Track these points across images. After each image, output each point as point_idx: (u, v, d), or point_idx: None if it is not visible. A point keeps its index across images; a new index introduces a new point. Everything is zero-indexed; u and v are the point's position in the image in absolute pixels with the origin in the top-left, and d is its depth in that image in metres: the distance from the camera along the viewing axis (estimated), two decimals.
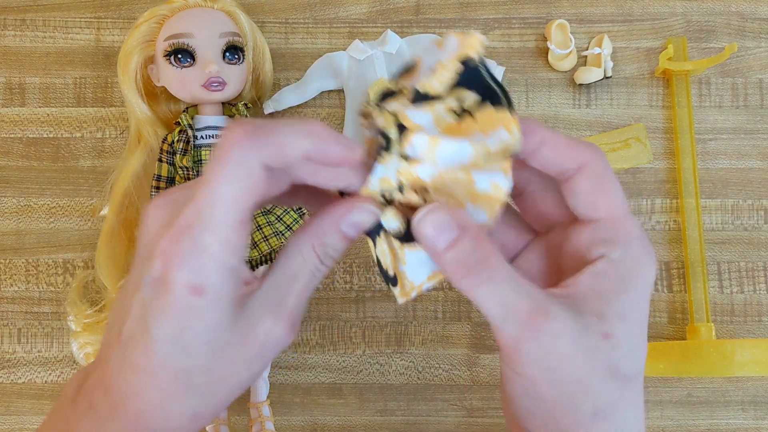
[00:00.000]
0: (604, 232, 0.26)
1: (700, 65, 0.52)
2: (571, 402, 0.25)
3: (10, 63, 0.55)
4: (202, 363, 0.25)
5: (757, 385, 0.52)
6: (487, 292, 0.24)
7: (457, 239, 0.25)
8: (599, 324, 0.24)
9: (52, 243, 0.53)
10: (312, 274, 0.27)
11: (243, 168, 0.24)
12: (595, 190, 0.26)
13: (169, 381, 0.25)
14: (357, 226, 0.27)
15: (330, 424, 0.52)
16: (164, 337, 0.25)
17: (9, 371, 0.52)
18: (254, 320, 0.26)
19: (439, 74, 0.26)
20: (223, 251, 0.24)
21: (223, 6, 0.49)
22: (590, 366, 0.24)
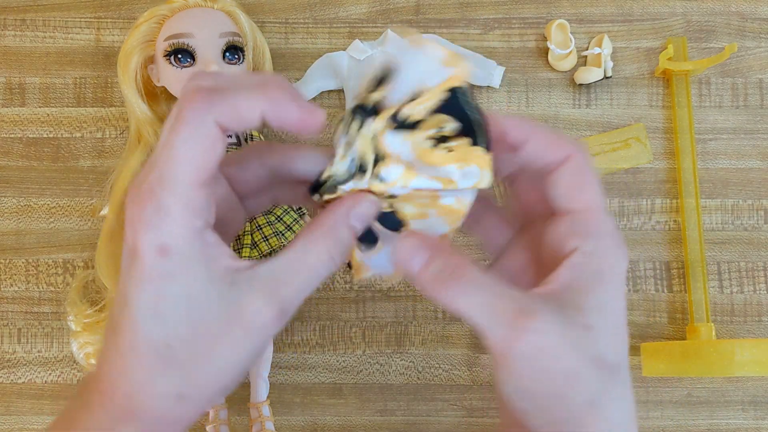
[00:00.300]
0: (579, 224, 0.26)
1: (700, 65, 0.52)
2: (565, 395, 0.25)
3: (10, 63, 0.55)
4: (182, 334, 0.25)
5: (757, 385, 0.52)
6: (467, 301, 0.25)
7: (430, 258, 0.26)
8: (580, 317, 0.25)
9: (52, 243, 0.53)
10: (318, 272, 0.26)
11: (199, 128, 0.24)
12: (575, 183, 0.27)
13: (150, 357, 0.25)
14: (363, 217, 0.27)
15: (330, 424, 0.52)
16: (143, 308, 0.25)
17: (9, 371, 0.52)
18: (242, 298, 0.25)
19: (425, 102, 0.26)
20: (185, 212, 0.24)
21: (223, 6, 0.49)
22: (577, 358, 0.25)
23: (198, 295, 0.25)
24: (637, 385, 0.52)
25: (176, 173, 0.24)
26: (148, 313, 0.25)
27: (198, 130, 0.24)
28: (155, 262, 0.24)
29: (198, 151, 0.24)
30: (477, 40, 0.55)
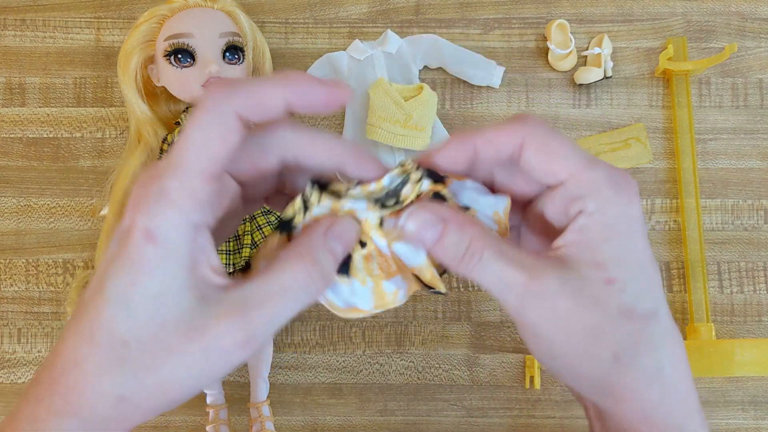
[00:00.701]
0: (571, 191, 0.26)
1: (700, 65, 0.52)
2: (588, 351, 0.25)
3: (10, 63, 0.55)
4: (142, 335, 0.24)
5: (757, 385, 0.52)
6: (482, 273, 0.25)
7: (442, 233, 0.25)
8: (599, 272, 0.25)
9: (52, 243, 0.53)
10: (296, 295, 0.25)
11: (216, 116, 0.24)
12: (546, 159, 0.26)
13: (104, 350, 0.24)
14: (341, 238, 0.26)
15: (330, 424, 0.52)
16: (114, 293, 0.24)
17: (9, 371, 0.52)
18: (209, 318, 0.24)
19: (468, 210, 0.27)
20: (184, 199, 0.23)
21: (223, 6, 0.49)
22: (599, 314, 0.25)
23: (168, 298, 0.24)
24: None
25: (186, 159, 0.24)
26: (119, 302, 0.24)
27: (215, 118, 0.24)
28: (140, 248, 0.24)
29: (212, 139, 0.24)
30: (477, 40, 0.55)
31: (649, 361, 0.25)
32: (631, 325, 0.25)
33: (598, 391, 0.26)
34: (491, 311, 0.53)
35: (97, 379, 0.25)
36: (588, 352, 0.25)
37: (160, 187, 0.24)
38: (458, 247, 0.25)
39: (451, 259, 0.25)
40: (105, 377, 0.24)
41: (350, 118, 0.53)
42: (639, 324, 0.25)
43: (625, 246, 0.25)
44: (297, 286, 0.25)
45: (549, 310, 0.25)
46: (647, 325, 0.25)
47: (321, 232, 0.26)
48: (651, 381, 0.25)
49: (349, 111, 0.53)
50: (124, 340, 0.24)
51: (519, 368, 0.52)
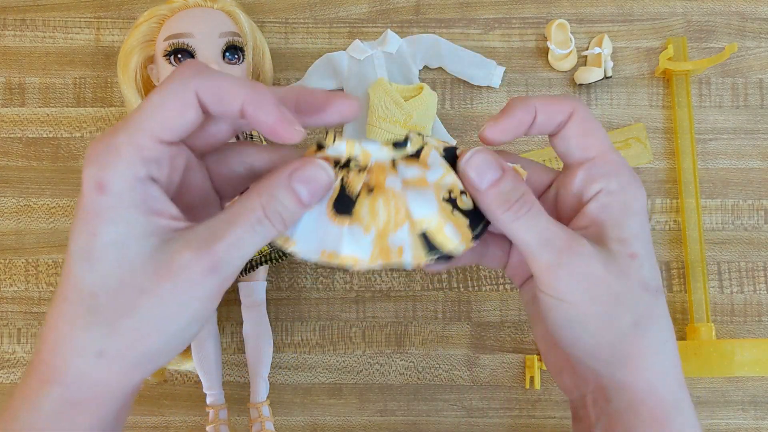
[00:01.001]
0: (598, 168, 0.28)
1: (700, 65, 0.52)
2: (612, 317, 0.27)
3: (10, 63, 0.55)
4: (109, 284, 0.24)
5: (757, 385, 0.52)
6: (526, 224, 0.26)
7: (501, 178, 0.27)
8: (623, 247, 0.27)
9: (52, 243, 0.53)
10: (252, 226, 0.25)
11: (177, 91, 0.25)
12: (584, 133, 0.28)
13: (77, 306, 0.25)
14: (309, 182, 0.26)
15: (330, 424, 0.52)
16: (76, 248, 0.25)
17: (9, 371, 0.52)
18: (173, 251, 0.25)
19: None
20: (132, 155, 0.24)
21: (223, 6, 0.49)
22: (623, 284, 0.27)
23: (129, 244, 0.24)
24: None
25: (138, 120, 0.25)
26: (81, 256, 0.25)
27: (175, 92, 0.25)
28: (92, 199, 0.24)
29: (168, 109, 0.25)
30: (477, 40, 0.55)
31: (659, 330, 0.28)
32: (648, 297, 0.27)
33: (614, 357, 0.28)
34: (491, 311, 0.53)
35: (73, 337, 0.25)
36: (611, 317, 0.27)
37: (110, 143, 0.24)
38: (512, 194, 0.27)
39: (503, 202, 0.27)
40: (80, 333, 0.25)
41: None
42: (653, 297, 0.27)
43: (641, 227, 0.28)
44: (253, 218, 0.25)
45: (582, 273, 0.26)
46: (658, 299, 0.28)
47: (286, 173, 0.26)
48: (659, 349, 0.28)
49: None
50: (92, 291, 0.24)
51: (519, 368, 0.52)
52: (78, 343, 0.25)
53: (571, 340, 0.28)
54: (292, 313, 0.53)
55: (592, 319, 0.27)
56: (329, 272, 0.53)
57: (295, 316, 0.53)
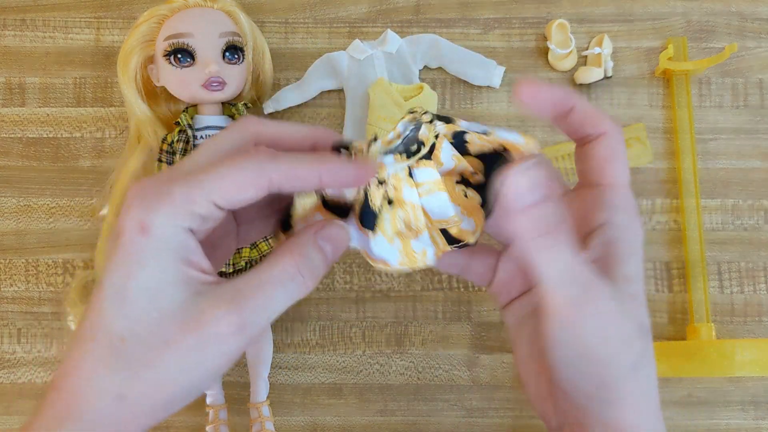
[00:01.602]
0: (608, 197, 0.28)
1: (700, 65, 0.52)
2: (616, 358, 0.27)
3: (10, 63, 0.55)
4: (139, 330, 0.24)
5: (757, 385, 0.51)
6: (554, 255, 0.25)
7: (543, 200, 0.25)
8: (628, 286, 0.27)
9: (52, 243, 0.53)
10: (284, 284, 0.26)
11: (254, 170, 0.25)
12: (608, 157, 0.28)
13: (103, 347, 0.25)
14: (331, 240, 0.27)
15: (330, 424, 0.52)
16: (111, 289, 0.25)
17: (9, 371, 0.52)
18: (203, 308, 0.25)
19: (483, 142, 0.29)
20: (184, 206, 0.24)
21: (222, 6, 0.49)
22: (628, 324, 0.26)
23: (162, 292, 0.25)
24: None
25: (200, 179, 0.25)
26: (115, 297, 0.25)
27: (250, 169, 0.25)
28: (134, 240, 0.24)
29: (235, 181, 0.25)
30: (477, 40, 0.55)
31: (650, 371, 0.27)
32: (644, 339, 0.27)
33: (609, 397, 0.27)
34: (491, 311, 0.53)
35: (96, 378, 0.25)
36: (617, 358, 0.26)
37: (164, 190, 0.24)
38: (551, 218, 0.25)
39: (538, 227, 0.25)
40: (103, 375, 0.25)
41: (350, 118, 0.53)
42: (647, 338, 0.27)
43: (640, 266, 0.27)
44: (286, 276, 0.26)
45: (602, 312, 0.26)
46: (649, 340, 0.27)
47: (312, 233, 0.27)
48: (648, 390, 0.27)
49: (349, 111, 0.53)
50: (121, 335, 0.25)
51: None
52: (100, 385, 0.25)
53: (572, 378, 0.27)
54: (292, 313, 0.53)
55: (600, 359, 0.26)
56: (329, 272, 0.53)
57: (295, 316, 0.53)
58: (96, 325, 0.25)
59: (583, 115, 0.28)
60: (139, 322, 0.25)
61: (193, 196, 0.24)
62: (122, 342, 0.25)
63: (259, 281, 0.25)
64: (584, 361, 0.27)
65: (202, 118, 0.49)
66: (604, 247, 0.27)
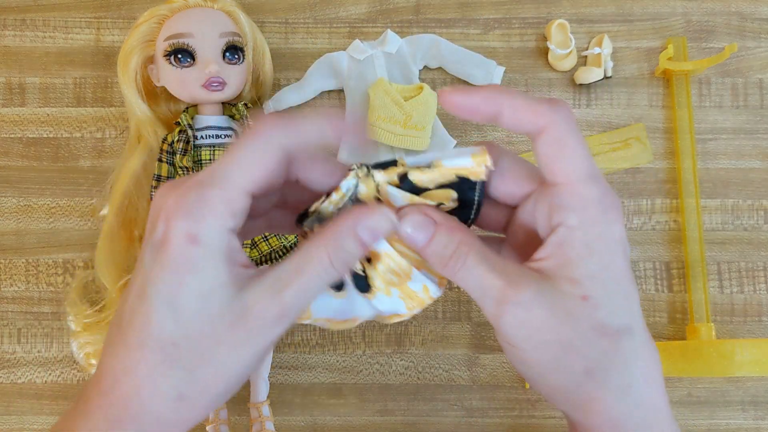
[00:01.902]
0: (561, 197, 0.26)
1: (700, 65, 0.52)
2: (559, 363, 0.26)
3: (10, 63, 0.55)
4: (191, 332, 0.25)
5: (757, 385, 0.52)
6: (464, 277, 0.27)
7: (433, 235, 0.27)
8: (574, 288, 0.26)
9: (52, 243, 0.53)
10: (319, 275, 0.26)
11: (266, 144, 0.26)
12: (551, 156, 0.26)
13: (156, 354, 0.25)
14: (373, 230, 0.27)
15: (330, 424, 0.52)
16: (161, 299, 0.25)
17: (9, 371, 0.52)
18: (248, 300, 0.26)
19: (434, 176, 0.28)
20: (225, 208, 0.25)
21: (223, 6, 0.49)
22: (572, 328, 0.26)
23: (213, 295, 0.25)
24: None
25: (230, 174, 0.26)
26: (164, 305, 0.25)
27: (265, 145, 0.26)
28: (183, 250, 0.25)
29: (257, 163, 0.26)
30: (477, 40, 0.55)
31: (620, 376, 0.26)
32: (604, 341, 0.26)
33: (568, 403, 0.27)
34: None
35: (153, 382, 0.26)
36: (560, 364, 0.26)
37: (201, 196, 0.25)
38: (446, 249, 0.27)
39: (439, 260, 0.27)
40: (161, 379, 0.25)
41: (350, 118, 0.53)
42: (612, 340, 0.26)
43: (603, 265, 0.26)
44: (321, 267, 0.26)
45: (524, 319, 0.26)
46: (620, 341, 0.26)
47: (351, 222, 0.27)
48: (621, 396, 0.26)
49: (349, 111, 0.53)
50: (173, 341, 0.25)
51: None
52: (159, 389, 0.26)
53: (530, 381, 0.28)
54: None
55: (540, 365, 0.27)
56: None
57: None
58: (145, 334, 0.25)
59: (515, 114, 0.26)
60: (191, 326, 0.25)
61: (229, 196, 0.25)
62: (175, 347, 0.25)
63: (296, 271, 0.26)
64: (528, 367, 0.27)
65: (202, 118, 0.49)
66: (556, 249, 0.26)
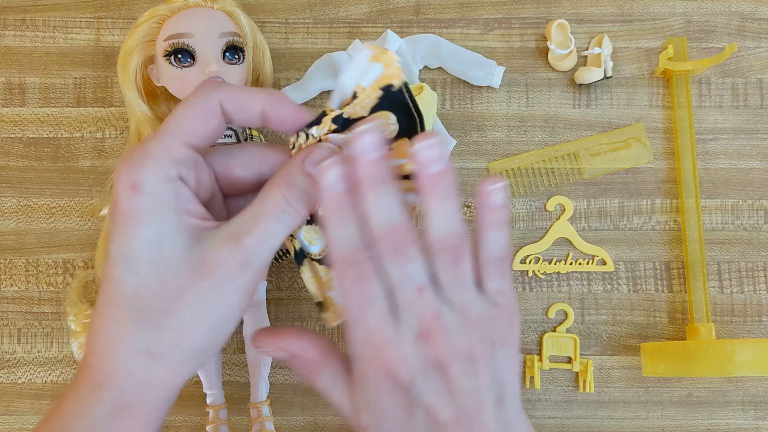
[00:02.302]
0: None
1: (700, 65, 0.52)
2: None
3: (10, 63, 0.55)
4: (150, 284, 0.25)
5: (757, 385, 0.52)
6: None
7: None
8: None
9: (52, 243, 0.53)
10: (277, 217, 0.27)
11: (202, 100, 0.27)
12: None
13: (122, 309, 0.25)
14: (318, 160, 0.27)
15: (330, 424, 0.52)
16: (117, 253, 0.26)
17: (9, 371, 0.52)
18: (207, 252, 0.26)
19: (362, 101, 0.28)
20: (164, 156, 0.26)
21: (223, 6, 0.49)
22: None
23: (165, 243, 0.26)
24: (637, 385, 0.52)
25: (168, 129, 0.27)
26: (121, 259, 0.26)
27: (200, 101, 0.27)
28: (128, 200, 0.25)
29: (194, 116, 0.27)
30: (477, 40, 0.55)
31: None
32: None
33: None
34: None
35: (122, 339, 0.26)
36: None
37: (142, 150, 0.26)
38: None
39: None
40: (128, 334, 0.26)
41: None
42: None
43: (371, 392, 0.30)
44: (277, 209, 0.27)
45: None
46: None
47: (299, 159, 0.28)
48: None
49: None
50: (135, 293, 0.25)
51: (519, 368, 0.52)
52: (127, 345, 0.26)
53: None
54: (292, 313, 0.53)
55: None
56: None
57: (295, 316, 0.53)
58: (110, 291, 0.26)
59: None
60: (149, 276, 0.25)
61: (167, 145, 0.26)
62: (138, 299, 0.25)
63: (253, 217, 0.27)
64: None
65: None
66: None
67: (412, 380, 0.28)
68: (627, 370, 0.52)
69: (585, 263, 0.52)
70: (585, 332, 0.52)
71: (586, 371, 0.51)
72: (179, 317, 0.25)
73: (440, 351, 0.27)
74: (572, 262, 0.52)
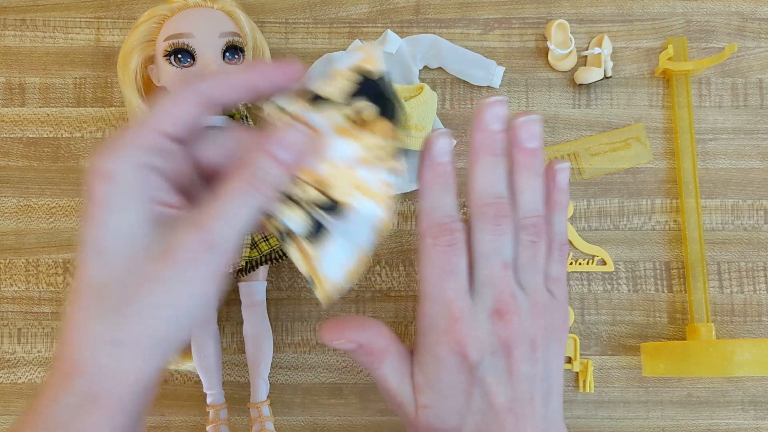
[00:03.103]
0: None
1: (700, 65, 0.52)
2: None
3: (10, 63, 0.55)
4: (117, 273, 0.25)
5: (757, 385, 0.52)
6: None
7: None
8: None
9: (52, 243, 0.53)
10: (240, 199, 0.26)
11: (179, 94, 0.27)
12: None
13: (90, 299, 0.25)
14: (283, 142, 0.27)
15: (330, 424, 0.52)
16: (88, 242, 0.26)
17: (9, 371, 0.52)
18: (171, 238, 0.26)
19: (337, 81, 0.29)
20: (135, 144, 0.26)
21: (223, 6, 0.49)
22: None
23: (134, 233, 0.26)
24: (637, 385, 0.52)
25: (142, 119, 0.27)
26: (91, 248, 0.26)
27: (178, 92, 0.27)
28: (99, 189, 0.26)
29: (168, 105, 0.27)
30: (477, 40, 0.55)
31: None
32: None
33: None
34: None
35: (89, 329, 0.26)
36: None
37: (116, 138, 0.26)
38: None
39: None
40: (94, 324, 0.25)
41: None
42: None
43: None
44: (240, 192, 0.27)
45: None
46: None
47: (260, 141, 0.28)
48: None
49: None
50: (103, 282, 0.25)
51: None
52: (94, 334, 0.25)
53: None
54: (292, 313, 0.53)
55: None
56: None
57: (295, 316, 0.53)
58: (80, 281, 0.26)
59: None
60: (116, 265, 0.25)
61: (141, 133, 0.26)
62: (106, 288, 0.25)
63: (217, 200, 0.26)
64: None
65: None
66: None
67: (480, 358, 0.29)
68: (627, 370, 0.52)
69: (585, 263, 0.52)
70: (585, 332, 0.52)
71: (586, 371, 0.51)
72: (144, 305, 0.25)
73: (511, 332, 0.28)
74: (572, 262, 0.52)
